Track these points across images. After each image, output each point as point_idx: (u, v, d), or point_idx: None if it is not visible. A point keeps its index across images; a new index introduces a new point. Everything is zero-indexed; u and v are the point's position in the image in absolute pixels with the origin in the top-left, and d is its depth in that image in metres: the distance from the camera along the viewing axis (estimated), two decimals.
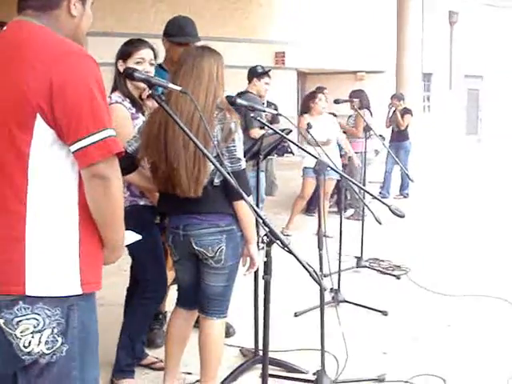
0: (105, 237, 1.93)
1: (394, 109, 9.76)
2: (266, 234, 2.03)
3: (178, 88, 2.20)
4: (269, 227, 2.02)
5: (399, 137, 9.63)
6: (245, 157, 2.80)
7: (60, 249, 1.83)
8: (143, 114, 3.12)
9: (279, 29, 15.31)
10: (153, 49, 3.21)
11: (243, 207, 2.67)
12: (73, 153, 1.77)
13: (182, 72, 2.71)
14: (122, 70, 3.00)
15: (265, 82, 6.16)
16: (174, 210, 2.81)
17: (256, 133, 5.31)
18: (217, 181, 2.68)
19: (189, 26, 3.73)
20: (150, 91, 2.21)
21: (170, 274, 3.39)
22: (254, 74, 6.09)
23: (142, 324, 3.28)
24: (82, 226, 1.86)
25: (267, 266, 2.17)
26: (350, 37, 15.98)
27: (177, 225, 2.81)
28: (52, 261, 1.82)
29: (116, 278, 3.78)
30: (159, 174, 2.73)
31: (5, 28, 1.92)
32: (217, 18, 13.04)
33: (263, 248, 2.20)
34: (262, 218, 2.05)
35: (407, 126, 9.64)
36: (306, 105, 7.03)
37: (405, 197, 9.59)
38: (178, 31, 3.68)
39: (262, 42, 14.96)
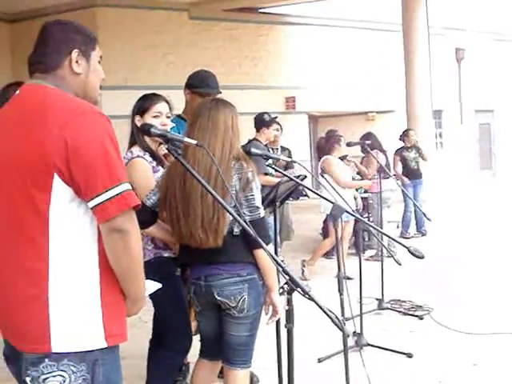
0: (126, 289, 1.95)
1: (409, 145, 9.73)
2: (286, 282, 2.04)
3: (194, 142, 2.25)
4: (289, 275, 2.02)
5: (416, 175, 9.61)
6: (262, 204, 2.83)
7: (83, 304, 1.85)
8: (163, 167, 3.17)
9: (288, 74, 15.53)
10: (167, 102, 3.28)
11: (263, 256, 2.68)
12: (91, 209, 1.81)
13: (197, 125, 2.77)
14: (139, 125, 3.06)
15: (275, 129, 6.23)
16: (195, 260, 2.83)
17: (265, 180, 5.31)
18: (236, 230, 2.71)
19: (210, 78, 3.85)
20: (167, 146, 2.25)
21: (193, 325, 3.39)
22: (263, 122, 6.15)
23: (167, 377, 3.25)
24: (103, 280, 1.89)
25: (289, 314, 2.16)
26: (359, 78, 16.16)
27: (198, 275, 2.82)
28: (75, 317, 1.84)
29: (137, 330, 3.78)
30: (179, 226, 2.75)
31: (18, 91, 1.99)
32: (226, 66, 13.26)
33: (284, 295, 2.20)
34: (281, 266, 2.06)
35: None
36: (329, 147, 6.87)
37: (423, 234, 9.52)
38: (201, 83, 3.80)
39: (272, 87, 15.16)
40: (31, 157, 1.79)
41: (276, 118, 6.52)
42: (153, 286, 2.27)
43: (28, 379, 1.86)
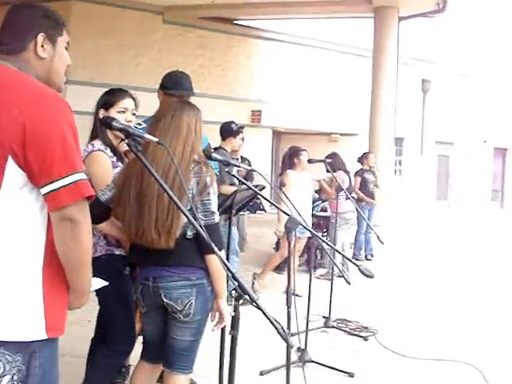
0: (71, 281, 1.91)
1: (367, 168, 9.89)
2: (234, 289, 2.02)
3: (155, 139, 2.22)
4: (238, 281, 2.01)
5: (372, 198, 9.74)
6: (218, 211, 2.81)
7: (24, 293, 1.81)
8: (122, 164, 3.14)
9: (257, 87, 15.60)
10: (134, 99, 3.26)
11: (215, 261, 2.65)
12: (43, 195, 1.77)
13: (160, 124, 2.75)
14: (101, 118, 3.03)
15: (240, 139, 6.24)
16: (145, 261, 2.79)
17: (225, 189, 5.29)
18: (190, 234, 2.68)
19: (184, 80, 3.83)
20: (127, 141, 2.22)
21: (137, 327, 3.34)
22: (230, 131, 6.15)
23: (105, 377, 3.20)
24: (46, 270, 1.84)
25: (235, 321, 2.15)
26: (326, 99, 16.33)
27: (146, 276, 2.78)
28: (16, 305, 1.80)
29: (79, 329, 3.70)
30: (131, 224, 2.72)
31: None
32: (197, 74, 13.21)
33: (231, 303, 2.19)
34: (231, 272, 2.04)
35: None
36: (290, 161, 6.93)
37: (369, 258, 9.62)
38: (174, 84, 3.76)
39: (240, 99, 15.19)
40: None
41: (243, 128, 6.53)
42: (98, 282, 2.23)
43: None
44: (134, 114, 3.20)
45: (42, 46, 1.94)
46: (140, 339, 3.16)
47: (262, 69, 15.78)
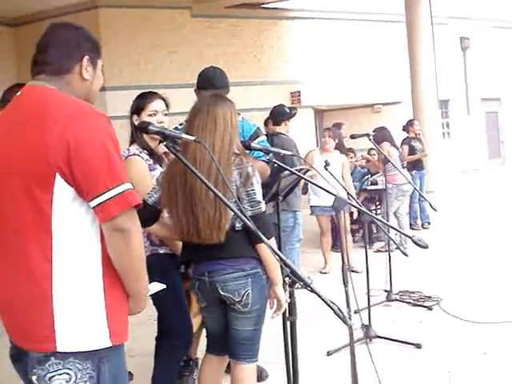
0: (129, 288, 1.96)
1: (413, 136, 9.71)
2: (287, 275, 2.04)
3: (192, 138, 2.25)
4: (290, 268, 2.02)
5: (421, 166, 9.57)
6: (264, 199, 2.83)
7: (86, 303, 1.87)
8: (161, 166, 3.18)
9: (293, 68, 15.48)
10: (164, 99, 3.28)
11: (266, 250, 2.68)
12: (93, 208, 1.82)
13: (196, 121, 2.77)
14: (136, 124, 3.08)
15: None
16: (198, 257, 2.83)
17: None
18: (238, 225, 2.71)
19: (217, 77, 3.82)
20: (165, 143, 2.25)
21: (196, 320, 3.39)
22: (285, 115, 6.08)
23: (171, 372, 3.26)
24: (106, 280, 1.90)
25: (291, 306, 2.16)
26: (364, 70, 16.08)
27: (202, 272, 2.83)
28: (80, 316, 1.86)
29: (147, 328, 3.79)
30: (181, 223, 2.76)
31: (19, 93, 1.99)
32: (230, 63, 13.19)
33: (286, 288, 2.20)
34: (282, 259, 2.05)
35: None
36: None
37: (425, 226, 9.48)
38: (206, 83, 3.76)
39: (277, 83, 15.11)
40: (33, 157, 1.80)
41: (296, 109, 6.48)
42: (156, 286, 2.28)
43: (34, 378, 1.88)
44: (165, 115, 3.22)
45: (86, 69, 2.00)
46: (204, 333, 3.22)
47: (296, 49, 15.65)
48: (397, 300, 5.47)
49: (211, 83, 3.76)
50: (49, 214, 1.81)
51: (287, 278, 2.05)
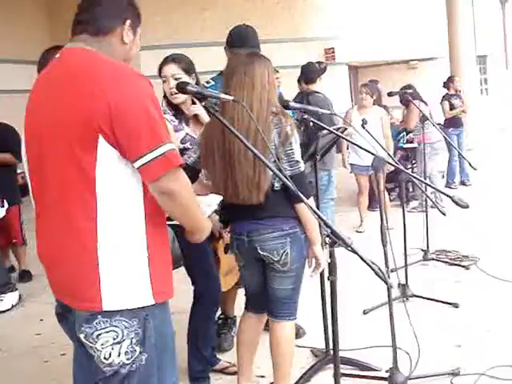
0: (185, 226, 2.06)
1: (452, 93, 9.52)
2: (328, 235, 2.03)
3: (230, 98, 2.23)
4: (330, 228, 2.02)
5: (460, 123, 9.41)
6: (302, 159, 2.81)
7: (131, 262, 1.90)
8: (187, 125, 3.16)
9: (326, 24, 15.19)
10: (177, 61, 3.16)
11: (305, 209, 2.68)
12: (137, 169, 1.84)
13: (233, 80, 2.74)
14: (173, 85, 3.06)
15: None
16: (237, 217, 2.85)
17: None
18: (277, 185, 2.71)
19: (249, 36, 3.74)
20: (204, 103, 2.25)
21: (228, 279, 3.41)
22: (316, 72, 6.00)
23: (203, 330, 3.31)
24: (149, 238, 1.93)
25: (332, 266, 2.17)
26: (400, 26, 15.72)
27: (240, 231, 2.85)
28: (124, 274, 1.89)
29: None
30: (219, 184, 2.77)
31: (58, 55, 2.00)
32: (262, 19, 13.03)
33: (327, 248, 2.20)
34: (322, 219, 2.05)
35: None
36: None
37: (466, 184, 9.34)
38: (240, 42, 3.68)
39: (311, 39, 14.88)
40: (75, 119, 1.81)
41: (324, 63, 6.41)
42: (214, 200, 2.27)
43: (82, 336, 1.94)
44: (176, 79, 3.08)
45: (127, 33, 2.01)
46: (242, 291, 3.25)
47: (329, 4, 15.34)
48: (433, 259, 5.44)
49: (244, 42, 3.68)
50: (93, 176, 1.83)
51: (327, 238, 2.04)
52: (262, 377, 3.34)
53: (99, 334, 1.90)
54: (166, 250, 2.04)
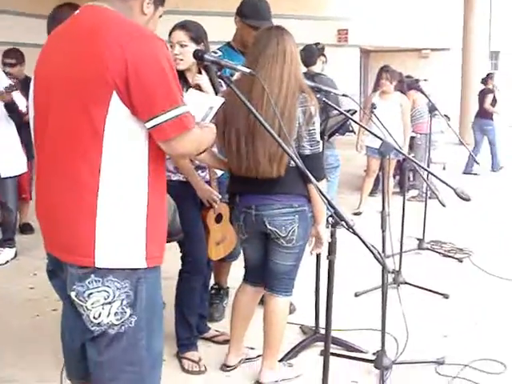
0: None
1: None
2: (331, 215, 2.06)
3: (247, 70, 2.23)
4: (334, 208, 2.04)
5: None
6: None
7: (129, 222, 1.92)
8: (186, 90, 3.15)
9: (342, 5, 15.07)
10: (185, 28, 3.12)
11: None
12: (149, 129, 1.85)
13: (267, 52, 2.70)
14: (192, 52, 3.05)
15: None
16: (247, 190, 2.85)
17: None
18: (293, 162, 2.71)
19: (263, 8, 3.66)
20: (219, 73, 2.25)
21: (219, 248, 3.42)
22: (316, 52, 5.94)
23: (189, 297, 3.32)
24: (150, 202, 1.94)
25: (332, 246, 2.19)
26: (415, 13, 15.59)
27: (249, 205, 2.85)
28: (121, 234, 1.91)
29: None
30: (238, 156, 2.75)
31: (77, 11, 2.00)
32: None
33: (329, 227, 2.22)
34: (327, 200, 2.07)
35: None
36: (376, 83, 7.07)
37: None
38: (252, 13, 3.61)
39: (325, 18, 14.77)
40: (91, 72, 1.81)
41: (320, 44, 6.36)
42: (216, 102, 2.25)
43: (73, 294, 1.95)
44: (182, 46, 3.07)
45: (148, 4, 2.00)
46: (240, 263, 3.27)
47: None
48: (428, 249, 5.48)
49: (258, 14, 3.62)
50: (101, 132, 1.84)
51: (330, 218, 2.06)
52: (252, 348, 3.38)
53: (91, 293, 1.92)
54: (163, 215, 2.05)
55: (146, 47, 1.83)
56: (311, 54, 5.87)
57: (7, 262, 5.14)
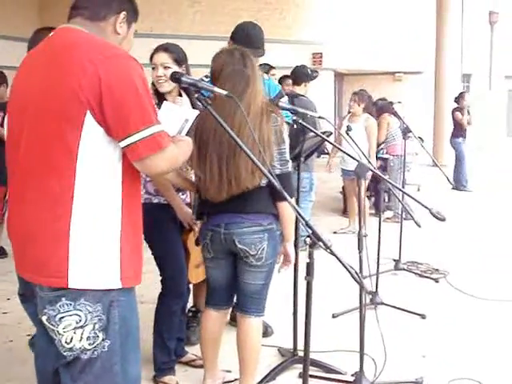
0: None
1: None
2: (308, 236, 2.06)
3: (224, 92, 2.24)
4: (311, 228, 2.04)
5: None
6: None
7: (103, 241, 1.90)
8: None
9: (317, 29, 15.28)
10: (169, 50, 3.16)
11: (287, 208, 2.72)
12: (123, 148, 1.85)
13: (227, 76, 2.74)
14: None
15: None
16: (216, 209, 2.84)
17: None
18: (263, 181, 2.72)
19: (255, 36, 3.65)
20: (197, 95, 2.26)
21: (199, 272, 3.40)
22: (307, 76, 6.00)
23: (168, 321, 3.29)
24: (124, 220, 1.93)
25: (310, 267, 2.19)
26: (389, 37, 15.86)
27: (218, 223, 2.85)
28: (94, 254, 1.89)
29: (156, 276, 3.83)
30: (219, 177, 2.74)
31: (52, 33, 2.01)
32: (254, 18, 13.02)
33: (305, 249, 2.22)
34: (304, 220, 2.07)
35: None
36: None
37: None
38: (245, 41, 3.51)
39: (300, 42, 14.95)
40: (65, 96, 1.81)
41: (317, 72, 6.44)
42: (191, 114, 2.22)
43: (44, 318, 1.92)
44: (166, 68, 3.09)
45: (121, 24, 2.03)
46: None
47: (321, 10, 15.42)
48: (404, 270, 5.51)
49: (251, 42, 3.55)
50: (75, 151, 1.83)
51: (308, 239, 2.06)
52: (229, 371, 3.34)
53: (62, 317, 1.89)
54: (138, 234, 2.04)
55: (119, 66, 1.84)
56: (301, 74, 5.94)
57: None
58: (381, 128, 7.68)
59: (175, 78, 2.27)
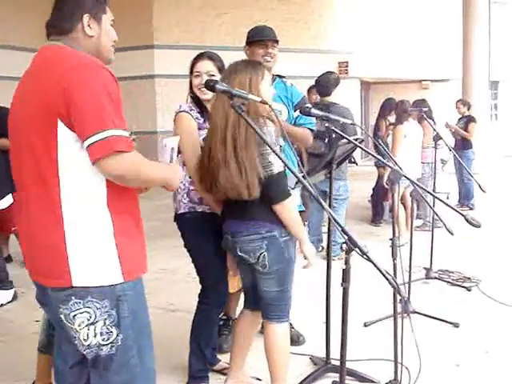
0: (155, 186, 2.21)
1: (460, 116, 9.57)
2: (345, 242, 2.05)
3: (258, 99, 2.26)
4: (348, 235, 2.04)
5: (462, 145, 9.36)
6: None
7: (97, 242, 2.00)
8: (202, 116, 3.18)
9: (342, 38, 15.28)
10: (213, 59, 3.22)
11: (283, 210, 2.73)
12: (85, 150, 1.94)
13: (236, 80, 2.74)
14: (197, 82, 3.17)
15: None
16: (226, 214, 2.94)
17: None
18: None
19: (266, 29, 3.72)
20: (231, 102, 2.27)
21: (234, 281, 3.42)
22: (335, 83, 6.06)
23: (206, 329, 3.31)
24: (114, 217, 2.02)
25: (346, 273, 2.18)
26: (415, 45, 15.79)
27: (226, 230, 2.92)
28: (92, 254, 1.99)
29: (186, 285, 3.85)
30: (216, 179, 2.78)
31: (36, 52, 2.17)
32: (279, 29, 13.04)
33: (339, 255, 2.22)
34: (340, 226, 2.07)
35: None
36: (403, 113, 6.91)
37: (471, 208, 9.31)
38: (256, 34, 3.66)
39: (325, 51, 14.95)
40: (39, 106, 1.97)
41: (336, 74, 6.45)
42: (173, 142, 2.28)
43: (62, 316, 2.04)
44: (211, 76, 3.12)
45: (89, 26, 2.12)
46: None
47: (346, 19, 15.42)
48: (436, 278, 5.45)
49: (261, 32, 3.67)
50: (55, 160, 1.96)
51: (344, 245, 2.06)
52: (259, 379, 3.34)
53: (75, 315, 2.01)
54: (134, 225, 2.11)
55: (82, 74, 1.94)
56: (327, 84, 5.95)
57: (2, 304, 4.97)
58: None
59: (210, 85, 2.29)
